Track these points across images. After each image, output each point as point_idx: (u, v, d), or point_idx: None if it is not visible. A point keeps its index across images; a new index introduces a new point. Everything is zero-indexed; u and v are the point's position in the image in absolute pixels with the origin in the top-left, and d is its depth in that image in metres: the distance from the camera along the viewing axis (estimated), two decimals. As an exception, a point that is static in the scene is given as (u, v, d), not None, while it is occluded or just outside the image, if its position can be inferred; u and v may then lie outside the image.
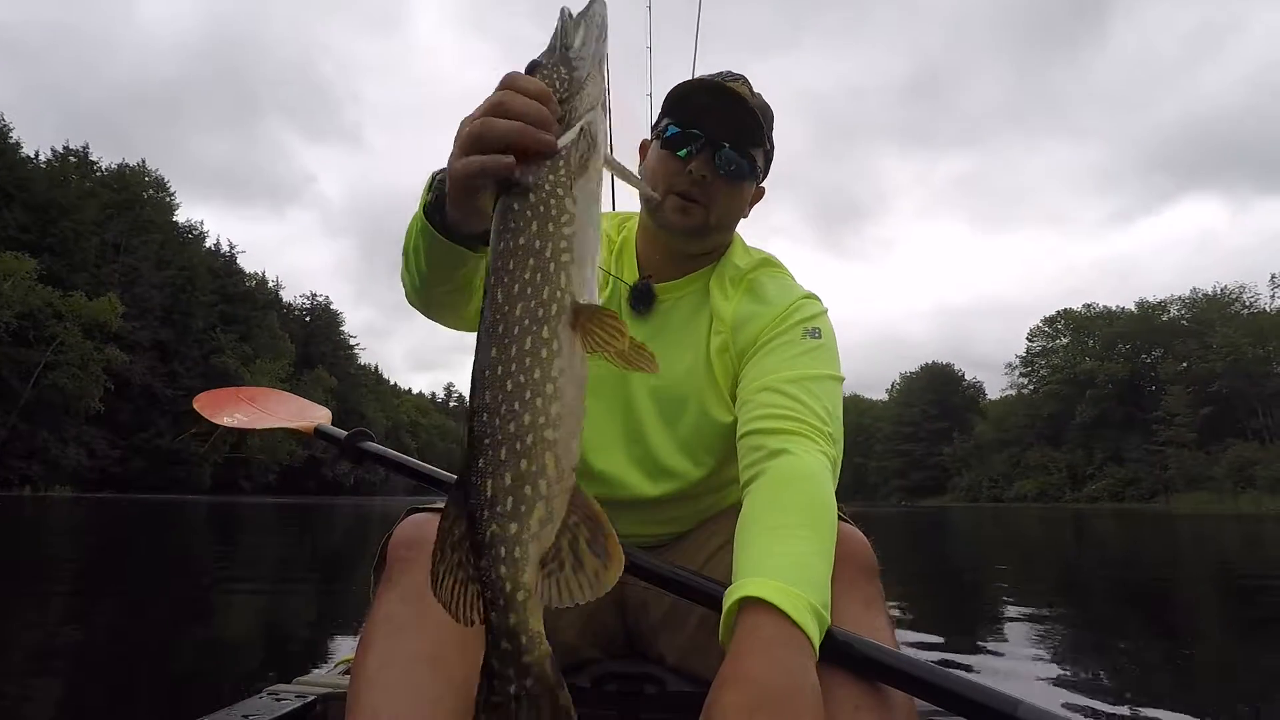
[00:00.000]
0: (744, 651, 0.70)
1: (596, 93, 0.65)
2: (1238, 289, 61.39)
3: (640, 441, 1.11)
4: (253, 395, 1.76)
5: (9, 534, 10.28)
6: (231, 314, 51.75)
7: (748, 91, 1.08)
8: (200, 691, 2.40)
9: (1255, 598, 5.44)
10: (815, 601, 0.74)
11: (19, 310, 34.24)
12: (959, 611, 4.70)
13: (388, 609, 0.86)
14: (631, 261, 1.16)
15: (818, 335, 1.06)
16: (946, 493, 75.31)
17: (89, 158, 47.58)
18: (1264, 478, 46.30)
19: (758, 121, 1.06)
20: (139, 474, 41.80)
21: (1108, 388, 62.94)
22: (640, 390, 1.10)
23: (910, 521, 20.32)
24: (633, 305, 1.13)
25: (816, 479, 0.89)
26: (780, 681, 0.68)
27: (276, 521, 15.28)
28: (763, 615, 0.72)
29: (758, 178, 1.12)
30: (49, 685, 2.15)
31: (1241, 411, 54.10)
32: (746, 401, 1.01)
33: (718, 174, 1.06)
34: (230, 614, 4.21)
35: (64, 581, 5.30)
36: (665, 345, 1.10)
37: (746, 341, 1.08)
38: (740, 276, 1.13)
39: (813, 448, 0.92)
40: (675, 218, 1.07)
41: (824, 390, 1.00)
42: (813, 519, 0.84)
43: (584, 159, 0.62)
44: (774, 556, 0.78)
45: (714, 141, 1.05)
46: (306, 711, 1.10)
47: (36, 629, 3.11)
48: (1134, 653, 3.37)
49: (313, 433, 1.49)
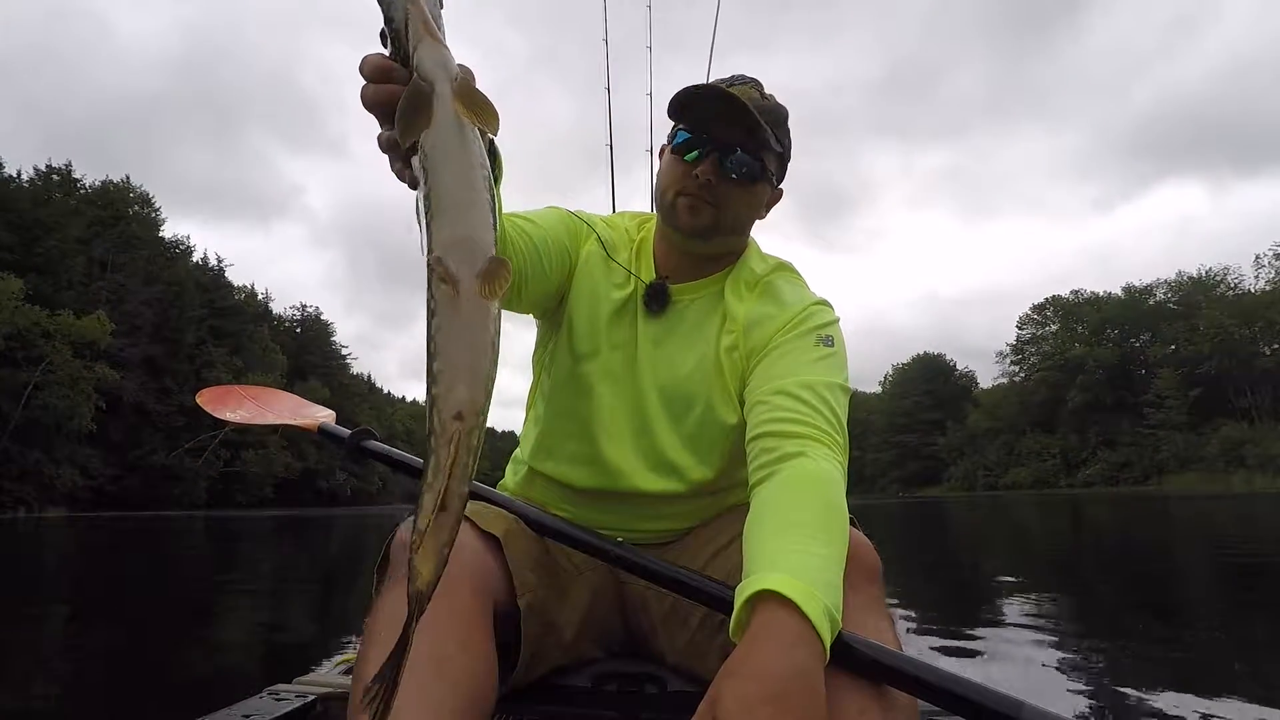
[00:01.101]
0: (758, 644, 0.69)
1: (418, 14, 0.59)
2: (1222, 271, 61.97)
3: (647, 434, 1.12)
4: (255, 393, 1.77)
5: (6, 555, 10.21)
6: (221, 328, 51.43)
7: (758, 94, 1.08)
8: (199, 691, 2.39)
9: (1253, 578, 5.49)
10: (829, 604, 0.73)
11: (7, 331, 33.95)
12: (958, 604, 4.76)
13: (390, 609, 0.87)
14: (649, 261, 1.17)
15: (830, 344, 1.07)
16: (942, 482, 75.55)
17: (72, 175, 47.24)
18: (1254, 456, 46.74)
19: (766, 125, 1.05)
20: (134, 491, 41.50)
21: (1098, 373, 63.32)
22: (649, 385, 1.12)
23: (908, 514, 20.40)
24: (647, 304, 1.14)
25: (832, 484, 0.89)
26: (792, 678, 0.67)
27: (274, 533, 15.21)
28: (780, 610, 0.71)
29: (770, 180, 1.12)
30: (47, 688, 2.16)
31: (1230, 392, 54.57)
32: (759, 403, 1.00)
33: (727, 177, 1.06)
34: (229, 617, 4.21)
35: (63, 593, 5.30)
36: (676, 344, 1.12)
37: (757, 343, 1.08)
38: (755, 280, 1.14)
39: (827, 454, 0.93)
40: (685, 217, 1.08)
41: (835, 399, 1.00)
42: (827, 522, 0.83)
43: (416, 100, 0.58)
44: (790, 554, 0.77)
45: (722, 146, 1.05)
46: (306, 711, 1.09)
47: (35, 634, 3.12)
48: (1135, 638, 3.42)
49: (316, 430, 1.49)
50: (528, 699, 1.03)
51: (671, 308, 1.14)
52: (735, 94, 1.04)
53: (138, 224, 48.38)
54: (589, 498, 1.15)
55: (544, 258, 1.07)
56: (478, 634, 0.88)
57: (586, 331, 1.13)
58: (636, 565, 0.98)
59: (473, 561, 0.93)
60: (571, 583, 1.10)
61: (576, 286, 1.14)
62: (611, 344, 1.13)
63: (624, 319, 1.14)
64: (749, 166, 1.06)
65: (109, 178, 49.92)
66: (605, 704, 1.08)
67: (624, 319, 1.14)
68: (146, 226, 49.43)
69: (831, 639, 0.73)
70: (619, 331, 1.13)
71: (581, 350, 1.13)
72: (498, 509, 1.05)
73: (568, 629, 1.08)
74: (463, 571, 0.90)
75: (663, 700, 1.08)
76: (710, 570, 1.04)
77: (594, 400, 1.12)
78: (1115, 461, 59.94)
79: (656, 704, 1.07)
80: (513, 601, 0.97)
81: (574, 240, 1.15)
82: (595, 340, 1.13)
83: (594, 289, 1.14)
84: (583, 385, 1.13)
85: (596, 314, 1.13)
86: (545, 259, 1.07)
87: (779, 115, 1.10)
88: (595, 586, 1.13)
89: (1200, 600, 4.60)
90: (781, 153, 1.12)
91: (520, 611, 0.98)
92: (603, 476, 1.13)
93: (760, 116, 1.04)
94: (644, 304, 1.14)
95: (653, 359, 1.12)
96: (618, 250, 1.17)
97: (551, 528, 1.05)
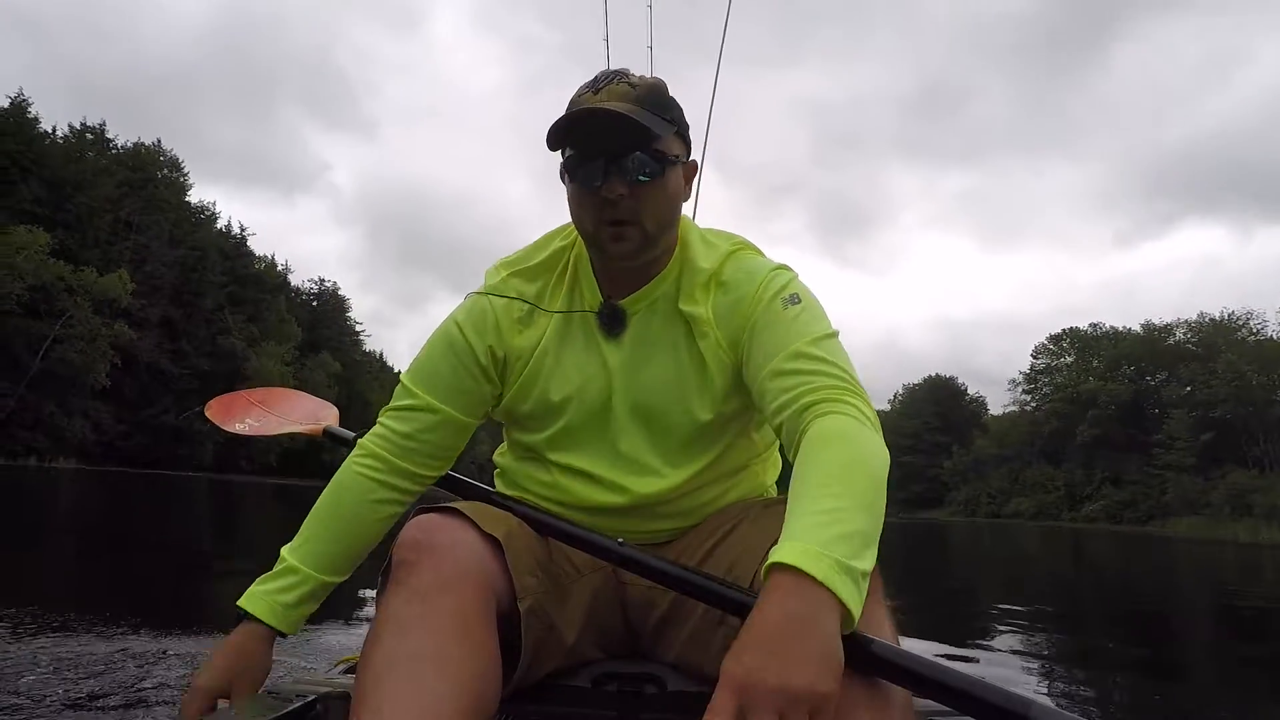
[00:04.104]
0: (758, 611, 0.70)
1: None
2: (1245, 315, 61.03)
3: (624, 448, 1.11)
4: (262, 398, 1.79)
5: (16, 501, 10.43)
6: (240, 295, 51.80)
7: (628, 86, 1.03)
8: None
9: (1254, 628, 5.45)
10: (842, 555, 0.71)
11: (31, 283, 34.41)
12: (949, 625, 4.78)
13: (393, 609, 0.87)
14: (591, 282, 1.13)
15: (796, 301, 1.04)
16: (944, 506, 74.99)
17: (105, 135, 47.75)
18: (1261, 506, 46.07)
19: (649, 110, 1.01)
20: (142, 449, 41.89)
21: (1110, 408, 62.59)
22: (625, 406, 1.10)
23: (909, 535, 20.31)
24: (605, 331, 1.11)
25: (842, 437, 0.86)
26: (785, 624, 0.67)
27: (276, 502, 15.35)
28: (781, 576, 0.70)
29: (677, 160, 1.05)
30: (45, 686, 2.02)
31: (1243, 439, 53.81)
32: (761, 393, 1.00)
33: (635, 184, 1.01)
34: (228, 615, 4.26)
35: (63, 549, 5.41)
36: (646, 359, 1.10)
37: (734, 333, 1.07)
38: (707, 278, 1.10)
39: (838, 408, 0.90)
40: (613, 246, 1.04)
41: (826, 350, 0.98)
42: (841, 474, 0.81)
43: None
44: (795, 521, 0.77)
45: (617, 156, 1.00)
46: (306, 711, 1.07)
47: (32, 599, 3.15)
48: (1127, 674, 3.40)
49: (321, 434, 1.53)
50: (527, 699, 1.04)
51: (630, 324, 1.11)
52: (605, 100, 1.01)
53: (166, 187, 48.76)
54: (576, 510, 1.14)
55: (469, 414, 1.12)
56: (480, 633, 0.89)
57: (556, 385, 1.12)
58: (640, 564, 0.98)
59: (475, 561, 0.93)
60: (573, 585, 1.09)
61: (520, 361, 1.13)
62: (583, 380, 1.11)
63: (588, 352, 1.12)
64: (650, 165, 1.01)
65: (141, 140, 50.37)
66: (605, 704, 1.07)
67: (588, 352, 1.12)
68: (174, 190, 49.83)
69: (857, 586, 0.71)
70: (588, 365, 1.11)
71: (554, 399, 1.12)
72: (499, 510, 1.05)
73: (569, 631, 1.07)
74: (466, 571, 0.91)
75: (663, 700, 1.07)
76: (710, 564, 1.05)
77: (571, 436, 1.13)
78: (1120, 499, 59.24)
79: (656, 704, 1.07)
80: (513, 603, 0.97)
81: (480, 358, 1.12)
82: (564, 388, 1.11)
83: (541, 348, 1.12)
84: (556, 430, 1.13)
85: (556, 365, 1.12)
86: (470, 414, 1.12)
87: (656, 93, 1.05)
88: (596, 588, 1.12)
89: (1198, 647, 4.56)
90: (676, 127, 1.06)
91: (521, 614, 0.97)
92: (591, 496, 1.13)
93: (640, 107, 1.00)
94: (601, 331, 1.11)
95: (626, 384, 1.10)
96: (550, 295, 1.14)
97: (554, 528, 1.05)
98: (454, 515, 0.97)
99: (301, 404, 1.76)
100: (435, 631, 0.85)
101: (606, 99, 1.01)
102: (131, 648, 2.42)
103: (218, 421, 1.72)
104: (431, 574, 0.90)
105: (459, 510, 0.98)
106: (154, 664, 2.25)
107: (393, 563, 0.94)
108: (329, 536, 1.12)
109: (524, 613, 0.98)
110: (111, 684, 1.99)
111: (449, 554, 0.92)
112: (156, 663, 2.27)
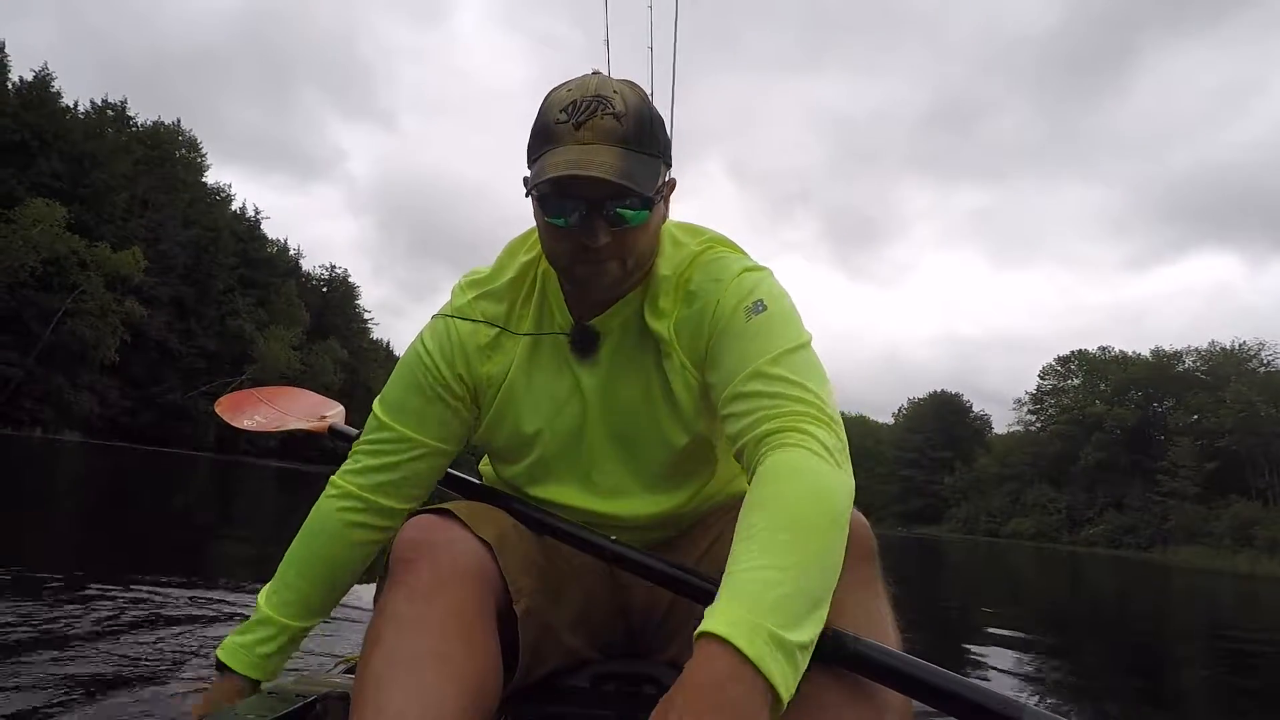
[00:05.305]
0: (688, 679, 0.68)
1: None
2: (1257, 346, 60.70)
3: (601, 478, 1.09)
4: (270, 396, 1.82)
5: (19, 470, 10.51)
6: (251, 278, 52.00)
7: (613, 120, 0.90)
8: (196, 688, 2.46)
9: (1251, 659, 5.40)
10: (778, 625, 0.68)
11: (45, 256, 34.65)
12: (942, 640, 4.77)
13: (393, 608, 0.87)
14: (560, 302, 1.06)
15: (761, 309, 0.96)
16: (943, 522, 74.71)
17: (126, 113, 48.08)
18: (1263, 539, 45.75)
19: (635, 151, 0.91)
20: (147, 426, 42.11)
21: (1115, 433, 62.26)
22: (597, 427, 1.07)
23: (906, 551, 20.24)
24: (578, 354, 1.06)
25: (801, 472, 0.80)
26: (712, 700, 0.65)
27: (276, 485, 15.41)
28: (713, 647, 0.68)
29: (659, 192, 0.95)
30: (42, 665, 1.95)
31: (1248, 470, 53.46)
32: (724, 417, 0.95)
33: (617, 226, 0.92)
34: (228, 613, 4.29)
35: (63, 521, 5.46)
36: (619, 382, 1.06)
37: (696, 350, 1.01)
38: (671, 287, 1.02)
39: (792, 438, 0.84)
40: (595, 283, 0.98)
41: (788, 367, 0.91)
42: (795, 520, 0.75)
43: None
44: (738, 574, 0.73)
45: (600, 201, 0.90)
46: (306, 711, 1.07)
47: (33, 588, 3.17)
48: (1122, 706, 3.38)
49: (326, 432, 1.55)
50: (526, 700, 1.04)
51: (603, 344, 1.05)
52: (589, 139, 0.89)
53: (183, 167, 49.09)
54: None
55: (447, 441, 1.10)
56: (480, 632, 0.89)
57: (528, 415, 1.09)
58: (635, 563, 0.98)
59: (473, 561, 0.93)
60: (568, 585, 1.08)
61: (490, 390, 1.09)
62: (555, 408, 1.08)
63: (560, 377, 1.08)
64: (634, 213, 0.92)
65: (160, 118, 50.69)
66: (604, 704, 1.08)
67: (560, 377, 1.08)
68: (191, 170, 50.14)
69: (787, 661, 0.68)
70: (559, 391, 1.08)
71: (527, 431, 1.09)
72: (495, 510, 1.04)
73: (565, 632, 1.06)
74: (464, 570, 0.91)
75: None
76: (708, 562, 1.03)
77: (546, 469, 1.11)
78: (1120, 524, 58.91)
79: (655, 704, 1.11)
80: (509, 604, 0.97)
81: (453, 385, 1.08)
82: (536, 419, 1.08)
83: (511, 376, 1.08)
84: (531, 462, 1.11)
85: (527, 392, 1.09)
86: (447, 441, 1.10)
87: (642, 124, 0.92)
88: (592, 588, 1.12)
89: (1192, 678, 4.52)
90: (659, 154, 0.95)
91: (517, 616, 0.97)
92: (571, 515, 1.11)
93: (628, 148, 0.90)
94: (574, 356, 1.06)
95: (602, 408, 1.07)
96: (517, 317, 1.09)
97: (550, 526, 1.05)
98: (450, 516, 0.98)
99: (308, 401, 1.79)
100: (435, 631, 0.84)
101: (591, 137, 0.90)
102: (131, 610, 2.51)
103: (227, 418, 1.75)
104: (430, 573, 0.90)
105: (455, 511, 0.99)
106: (157, 625, 2.38)
107: (391, 562, 0.94)
108: (306, 582, 1.11)
109: (520, 614, 0.97)
110: (113, 648, 2.02)
111: (447, 553, 0.93)
112: (158, 623, 2.41)
